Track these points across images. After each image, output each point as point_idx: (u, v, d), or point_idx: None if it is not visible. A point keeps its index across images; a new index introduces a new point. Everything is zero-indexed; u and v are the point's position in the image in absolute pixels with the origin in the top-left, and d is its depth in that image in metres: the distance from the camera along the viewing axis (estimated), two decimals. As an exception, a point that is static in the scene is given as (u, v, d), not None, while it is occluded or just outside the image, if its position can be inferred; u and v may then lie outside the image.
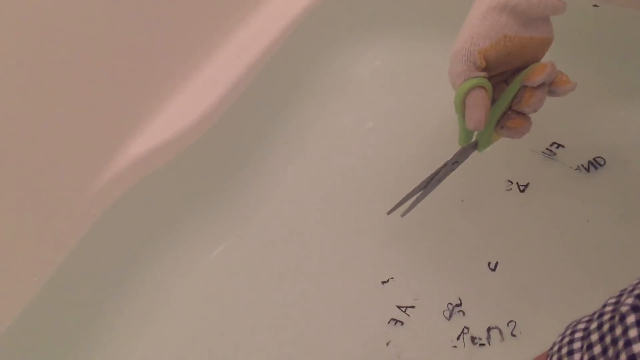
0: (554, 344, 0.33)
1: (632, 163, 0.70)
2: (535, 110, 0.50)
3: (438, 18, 0.86)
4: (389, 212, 0.60)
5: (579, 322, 0.33)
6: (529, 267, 0.66)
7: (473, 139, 0.54)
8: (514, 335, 0.62)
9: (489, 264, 0.67)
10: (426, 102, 0.84)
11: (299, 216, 0.77)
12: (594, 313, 0.32)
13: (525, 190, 0.71)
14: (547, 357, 0.33)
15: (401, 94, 0.87)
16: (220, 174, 0.79)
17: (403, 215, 0.60)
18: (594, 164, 0.71)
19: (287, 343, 0.68)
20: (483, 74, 0.49)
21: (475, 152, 0.55)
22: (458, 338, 0.64)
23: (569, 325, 0.33)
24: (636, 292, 0.29)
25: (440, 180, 0.58)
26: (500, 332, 0.63)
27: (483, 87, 0.49)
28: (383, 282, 0.69)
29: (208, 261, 0.76)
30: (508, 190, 0.72)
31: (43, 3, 0.59)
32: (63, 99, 0.64)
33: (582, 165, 0.71)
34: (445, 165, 0.57)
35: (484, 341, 0.63)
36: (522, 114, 0.51)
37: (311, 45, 0.86)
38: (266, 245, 0.76)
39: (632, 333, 0.27)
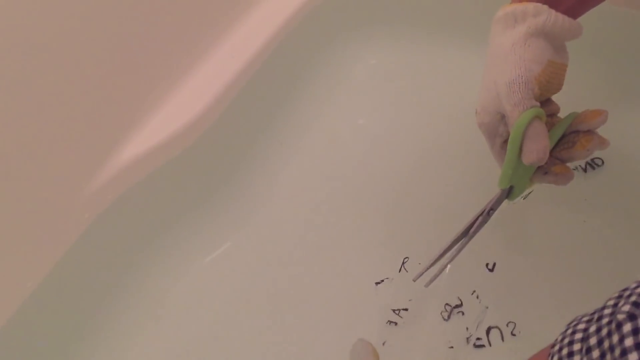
0: (555, 343, 0.33)
1: (629, 164, 0.70)
2: (589, 154, 0.49)
3: (434, 18, 0.86)
4: (415, 279, 0.55)
5: (579, 321, 0.33)
6: (527, 267, 0.66)
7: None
8: (513, 335, 0.62)
9: (487, 264, 0.67)
10: (422, 101, 0.84)
11: (294, 218, 0.77)
12: (594, 312, 0.32)
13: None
14: (549, 355, 0.33)
15: (397, 94, 0.87)
16: (215, 177, 0.78)
17: (427, 285, 0.54)
18: (592, 165, 0.71)
19: (282, 345, 0.67)
20: (538, 103, 0.47)
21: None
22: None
23: (570, 324, 0.34)
24: (633, 298, 0.29)
25: (472, 236, 0.53)
26: (501, 332, 0.63)
27: (540, 118, 0.47)
28: (377, 283, 0.69)
29: (204, 264, 0.76)
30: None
31: (32, 4, 0.58)
32: (56, 102, 0.63)
33: (580, 166, 0.71)
34: (479, 216, 0.52)
35: (484, 342, 0.62)
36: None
37: (306, 45, 0.86)
38: (262, 248, 0.75)
39: (628, 342, 0.27)
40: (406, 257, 0.69)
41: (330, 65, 0.89)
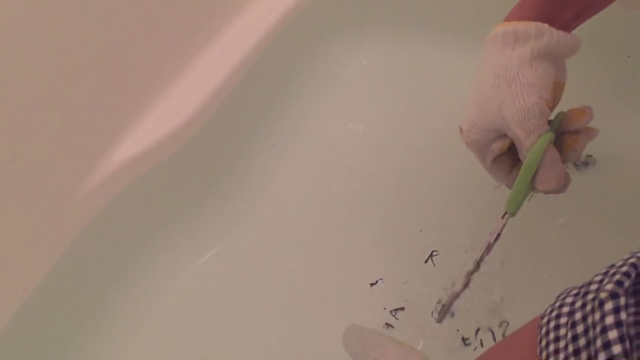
0: (544, 315, 0.34)
1: (622, 161, 0.70)
2: (578, 155, 0.48)
3: (426, 17, 0.87)
4: (439, 321, 0.58)
5: (567, 294, 0.34)
6: (518, 267, 0.66)
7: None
8: (505, 337, 0.62)
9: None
10: (415, 102, 0.84)
11: (285, 220, 0.77)
12: (582, 286, 0.33)
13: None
14: (538, 327, 0.34)
15: (389, 94, 0.87)
16: (207, 179, 0.78)
17: (439, 321, 0.58)
18: (585, 163, 0.71)
19: (275, 347, 0.67)
20: (548, 127, 0.47)
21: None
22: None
23: (559, 296, 0.34)
24: (617, 277, 0.30)
25: (479, 266, 0.54)
26: (493, 333, 0.62)
27: (552, 142, 0.47)
28: (371, 284, 0.69)
29: (196, 267, 0.75)
30: (497, 187, 0.71)
31: (20, 4, 0.58)
32: (46, 106, 0.63)
33: (573, 164, 0.70)
34: (489, 247, 0.53)
35: (476, 343, 0.62)
36: None
37: (297, 46, 0.87)
38: (254, 250, 0.75)
39: (609, 320, 0.28)
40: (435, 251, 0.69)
41: (321, 66, 0.89)
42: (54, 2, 0.61)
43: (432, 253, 0.68)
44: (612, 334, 0.27)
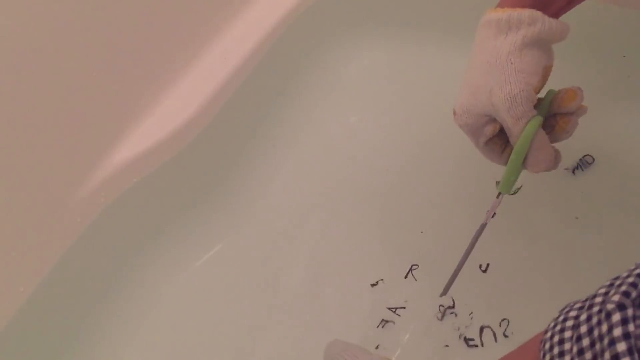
0: (547, 330, 0.33)
1: (619, 161, 0.71)
2: (570, 136, 0.49)
3: (426, 18, 0.87)
4: (442, 295, 0.61)
5: (571, 308, 0.33)
6: (519, 266, 0.66)
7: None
8: (506, 336, 0.62)
9: (480, 265, 0.67)
10: (416, 101, 0.84)
11: (288, 219, 0.77)
12: (586, 299, 0.32)
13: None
14: (541, 342, 0.33)
15: (390, 94, 0.87)
16: (208, 179, 0.78)
17: (443, 295, 0.61)
18: (583, 162, 0.71)
19: (276, 346, 0.67)
20: (535, 111, 0.48)
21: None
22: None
23: (562, 310, 0.34)
24: (623, 288, 0.29)
25: (475, 241, 0.56)
26: (493, 332, 0.63)
27: (540, 125, 0.48)
28: (372, 285, 0.69)
29: (198, 266, 0.76)
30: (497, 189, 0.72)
31: (21, 5, 0.58)
32: (48, 106, 0.63)
33: (572, 165, 0.71)
34: (484, 225, 0.55)
35: (477, 342, 0.62)
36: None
37: (299, 46, 0.86)
38: (256, 249, 0.75)
39: (617, 332, 0.28)
40: (415, 265, 0.69)
41: (323, 66, 0.89)
42: (55, 3, 0.61)
43: (411, 267, 0.69)
44: (621, 346, 0.27)
